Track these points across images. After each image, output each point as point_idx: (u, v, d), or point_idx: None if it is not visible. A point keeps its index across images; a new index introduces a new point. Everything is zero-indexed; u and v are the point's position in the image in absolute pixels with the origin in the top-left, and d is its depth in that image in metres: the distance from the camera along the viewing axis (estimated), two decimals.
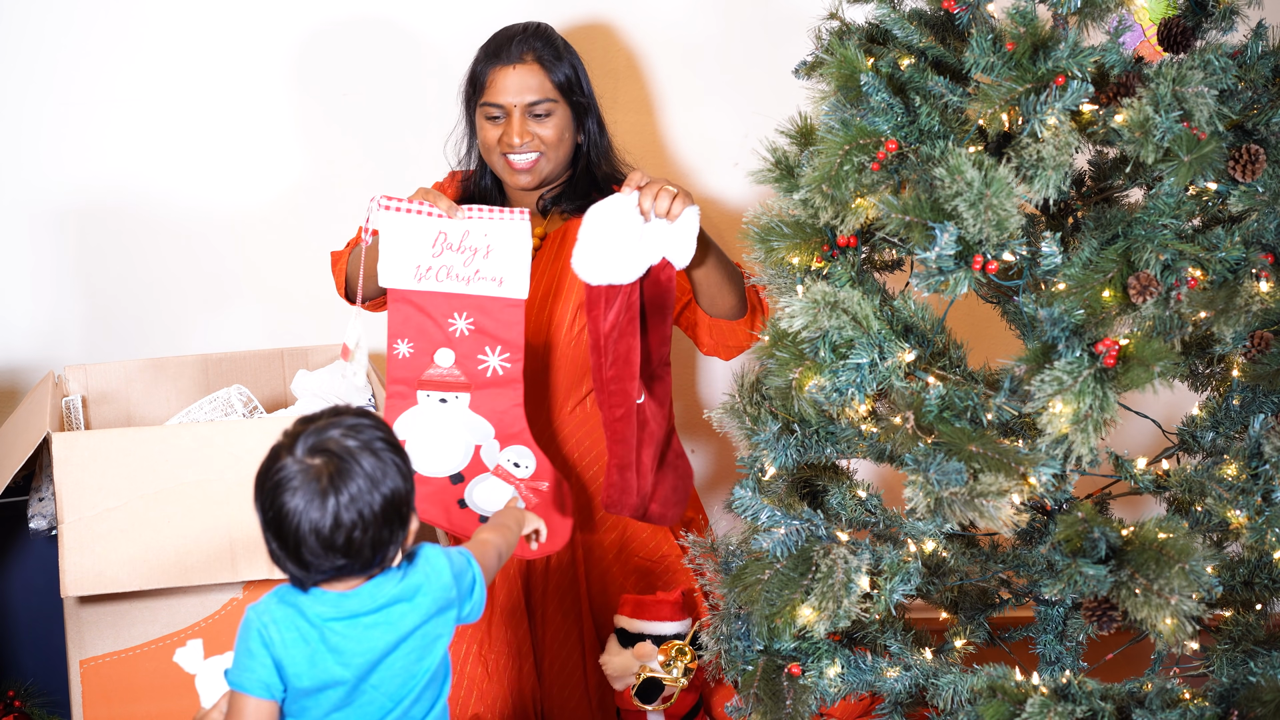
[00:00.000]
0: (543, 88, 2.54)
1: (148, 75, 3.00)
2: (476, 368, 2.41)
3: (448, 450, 2.43)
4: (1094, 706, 1.90)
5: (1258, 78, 1.97)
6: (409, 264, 2.37)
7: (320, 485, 1.69)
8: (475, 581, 1.86)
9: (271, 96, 3.03)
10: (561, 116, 2.56)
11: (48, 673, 2.66)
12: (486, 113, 2.56)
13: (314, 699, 1.75)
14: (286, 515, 1.69)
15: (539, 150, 2.55)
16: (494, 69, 2.55)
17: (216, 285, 3.09)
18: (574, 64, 2.59)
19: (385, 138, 3.05)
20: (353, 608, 1.74)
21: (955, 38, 2.01)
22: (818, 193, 1.96)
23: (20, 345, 3.05)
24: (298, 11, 3.00)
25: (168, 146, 3.03)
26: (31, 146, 3.01)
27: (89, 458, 2.36)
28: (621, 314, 2.33)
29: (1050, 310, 1.87)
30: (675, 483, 2.50)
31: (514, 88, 2.53)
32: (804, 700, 2.05)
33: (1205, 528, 2.09)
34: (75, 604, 2.42)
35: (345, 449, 1.70)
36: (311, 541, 1.69)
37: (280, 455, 1.71)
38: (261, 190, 3.07)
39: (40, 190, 3.02)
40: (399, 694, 1.78)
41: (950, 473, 1.85)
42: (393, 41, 3.02)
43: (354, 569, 1.73)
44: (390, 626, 1.76)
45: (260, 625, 1.74)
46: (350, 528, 1.69)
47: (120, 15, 2.97)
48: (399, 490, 1.73)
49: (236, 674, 1.74)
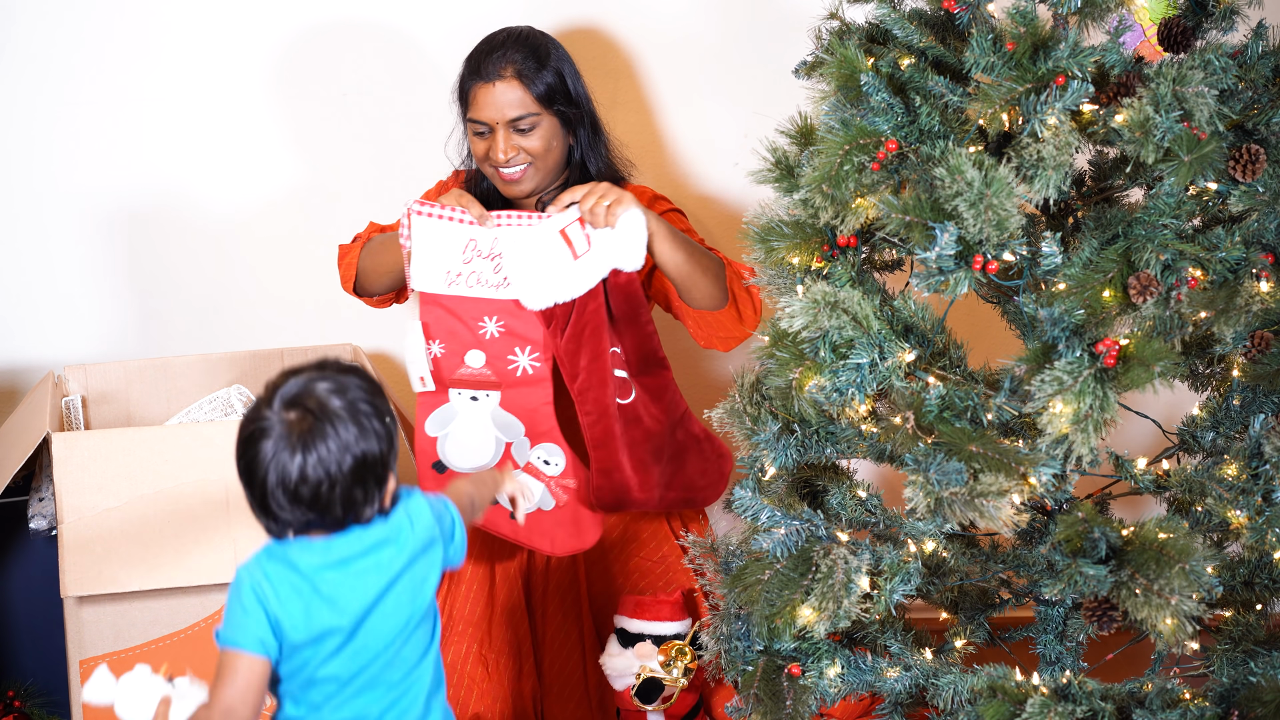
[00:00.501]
0: (523, 102, 2.51)
1: (147, 76, 3.00)
2: (507, 367, 2.45)
3: (479, 447, 2.47)
4: (1094, 706, 1.90)
5: (1258, 78, 1.97)
6: (440, 269, 2.41)
7: (291, 440, 1.70)
8: (455, 523, 1.88)
9: (272, 97, 3.03)
10: (547, 127, 2.54)
11: (48, 673, 2.65)
12: (473, 128, 2.56)
13: (312, 649, 1.75)
14: (256, 464, 1.71)
15: (527, 161, 2.54)
16: (475, 86, 2.53)
17: (217, 285, 3.08)
18: (560, 70, 2.55)
19: (387, 137, 3.05)
20: (341, 553, 1.74)
21: (955, 38, 2.01)
22: (818, 193, 1.96)
23: (20, 345, 3.05)
24: (296, 11, 3.00)
25: (167, 147, 3.03)
26: (31, 147, 3.01)
27: (89, 458, 2.36)
28: (578, 327, 2.35)
29: (1050, 310, 1.87)
30: (702, 466, 2.52)
31: (495, 104, 2.51)
32: (804, 700, 2.05)
33: (1205, 528, 2.09)
34: (75, 604, 2.42)
35: (323, 405, 1.71)
36: (279, 494, 1.71)
37: (260, 405, 1.73)
38: (262, 190, 3.06)
39: (40, 191, 3.02)
40: (391, 636, 1.78)
41: (950, 473, 1.85)
42: (393, 41, 3.02)
43: (322, 524, 1.74)
44: (380, 570, 1.76)
45: (253, 582, 1.74)
46: (317, 484, 1.70)
47: (118, 16, 2.97)
48: (373, 452, 1.73)
49: (230, 631, 1.73)
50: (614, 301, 2.40)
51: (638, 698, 2.50)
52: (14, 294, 3.04)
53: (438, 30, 3.01)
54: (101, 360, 2.94)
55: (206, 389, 2.81)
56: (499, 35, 2.56)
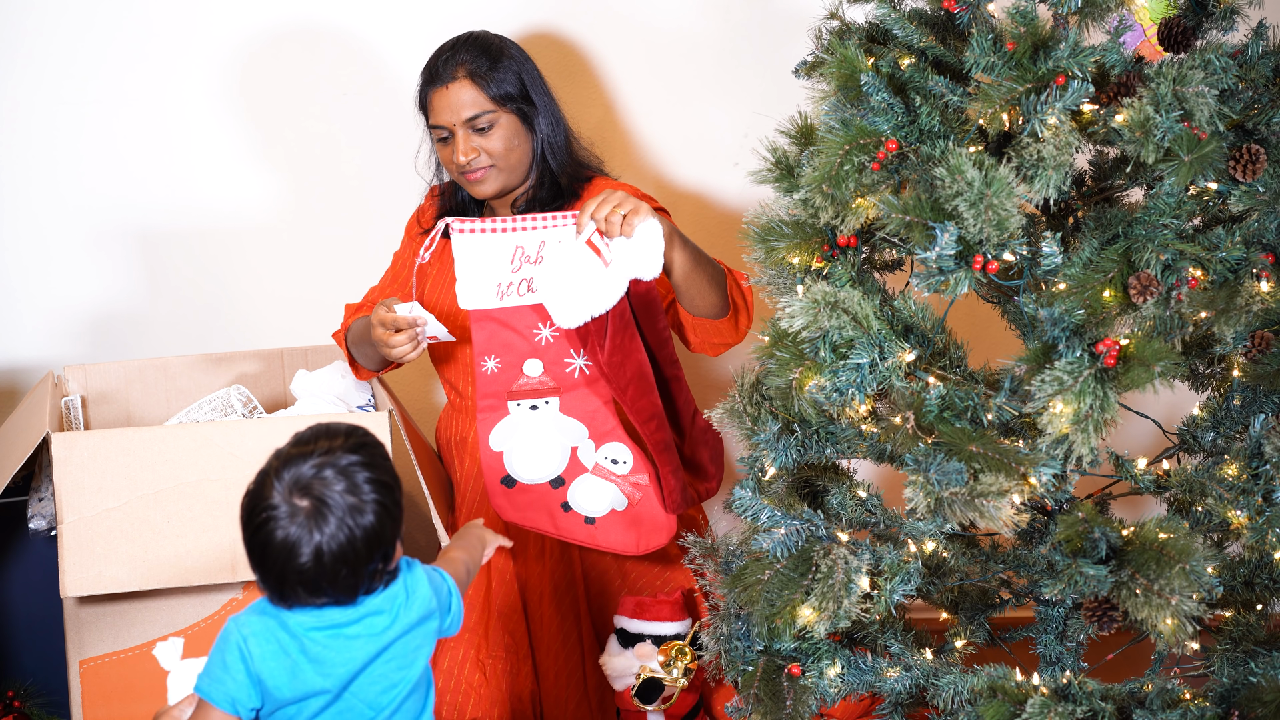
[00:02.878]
0: (477, 102, 2.53)
1: (147, 76, 3.00)
2: (565, 370, 2.45)
3: (545, 456, 2.47)
4: (1094, 707, 1.90)
5: (1258, 77, 1.97)
6: (490, 283, 2.41)
7: (305, 528, 1.69)
8: (451, 594, 1.88)
9: (271, 97, 3.03)
10: (506, 125, 2.55)
11: (47, 673, 2.65)
12: (435, 135, 2.58)
13: (297, 707, 1.75)
14: (270, 550, 1.70)
15: (488, 163, 2.55)
16: (431, 92, 2.56)
17: (217, 285, 3.08)
18: (516, 69, 2.57)
19: (386, 138, 3.05)
20: (334, 618, 1.74)
21: (955, 37, 2.01)
22: (818, 193, 1.96)
23: (20, 345, 3.05)
24: (296, 13, 3.00)
25: (167, 147, 3.03)
26: (31, 147, 3.01)
27: (88, 458, 2.36)
28: (617, 336, 2.34)
29: (1050, 310, 1.87)
30: (710, 454, 2.54)
31: (449, 106, 2.53)
32: (804, 700, 2.05)
33: (1206, 528, 2.09)
34: (75, 604, 2.42)
35: (329, 491, 1.70)
36: (293, 579, 1.71)
37: (266, 489, 1.71)
38: (262, 190, 3.06)
39: (40, 191, 3.02)
40: (380, 703, 1.78)
41: (950, 473, 1.85)
42: (392, 43, 3.02)
43: (335, 602, 1.74)
44: (371, 638, 1.76)
45: (240, 639, 1.74)
46: (334, 568, 1.70)
47: (117, 17, 2.97)
48: (379, 528, 1.72)
49: (207, 683, 1.74)
50: (635, 307, 2.39)
51: (638, 698, 2.50)
52: (14, 294, 3.04)
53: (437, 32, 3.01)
54: (101, 360, 2.94)
55: (206, 389, 2.81)
56: (450, 41, 2.59)
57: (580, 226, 2.31)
